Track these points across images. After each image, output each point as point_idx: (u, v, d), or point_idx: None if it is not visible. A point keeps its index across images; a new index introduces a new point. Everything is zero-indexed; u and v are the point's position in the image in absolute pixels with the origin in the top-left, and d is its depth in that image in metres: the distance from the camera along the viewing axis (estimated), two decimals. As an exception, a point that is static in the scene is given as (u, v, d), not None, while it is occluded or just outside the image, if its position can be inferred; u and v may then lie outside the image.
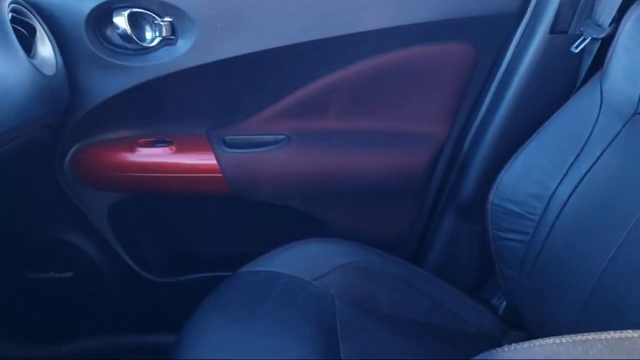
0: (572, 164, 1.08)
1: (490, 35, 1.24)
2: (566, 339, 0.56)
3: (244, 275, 1.15)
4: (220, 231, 1.47)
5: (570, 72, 1.20)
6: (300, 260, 1.18)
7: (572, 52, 1.16)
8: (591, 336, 0.56)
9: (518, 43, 1.23)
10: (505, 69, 1.25)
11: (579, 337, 0.56)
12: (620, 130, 1.03)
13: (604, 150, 1.04)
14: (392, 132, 1.31)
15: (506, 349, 0.59)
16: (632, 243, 0.91)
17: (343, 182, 1.33)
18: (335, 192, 1.35)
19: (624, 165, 1.01)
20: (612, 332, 0.57)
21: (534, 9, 1.20)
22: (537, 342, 0.60)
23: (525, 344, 0.59)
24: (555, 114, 1.14)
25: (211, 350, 0.96)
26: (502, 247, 1.16)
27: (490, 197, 1.17)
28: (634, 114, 1.02)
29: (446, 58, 1.26)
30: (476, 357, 0.60)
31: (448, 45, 1.24)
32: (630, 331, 0.56)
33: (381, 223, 1.40)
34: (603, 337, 0.55)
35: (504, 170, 1.16)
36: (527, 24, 1.22)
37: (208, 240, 1.47)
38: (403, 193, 1.37)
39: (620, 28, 1.07)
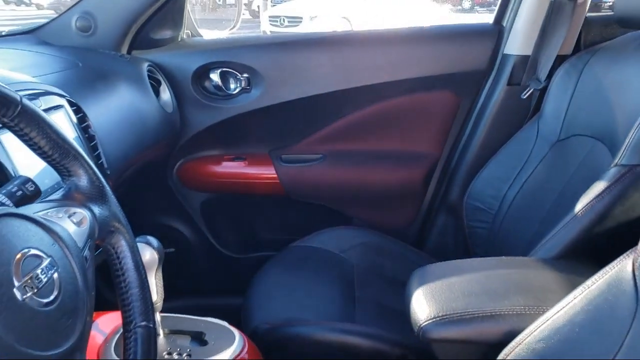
0: (517, 175, 1.46)
1: (467, 86, 1.66)
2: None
3: (293, 249, 1.57)
4: (277, 221, 1.90)
5: (521, 112, 1.58)
6: (332, 240, 1.57)
7: (522, 98, 1.56)
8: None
9: (487, 91, 1.64)
10: (479, 109, 1.65)
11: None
12: (547, 152, 1.41)
13: (537, 166, 1.43)
14: (398, 153, 1.73)
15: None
16: (547, 220, 1.27)
17: (363, 188, 1.75)
18: (357, 195, 1.76)
19: (548, 175, 1.39)
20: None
21: (497, 68, 1.62)
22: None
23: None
24: (509, 141, 1.53)
25: (266, 291, 1.37)
26: (472, 233, 1.54)
27: (465, 199, 1.57)
28: (556, 141, 1.40)
29: (437, 102, 1.68)
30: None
31: (438, 93, 1.67)
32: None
33: (391, 218, 1.80)
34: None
35: (474, 180, 1.56)
36: (493, 79, 1.63)
37: (269, 228, 1.90)
38: (406, 196, 1.77)
39: (552, 81, 1.46)
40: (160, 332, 0.97)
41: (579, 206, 1.04)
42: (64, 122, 1.04)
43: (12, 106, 0.59)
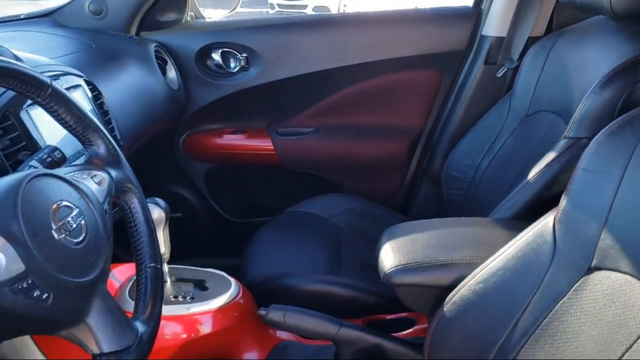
0: (490, 146, 1.59)
1: (448, 65, 1.78)
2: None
3: (287, 213, 1.71)
4: (273, 189, 2.04)
5: (496, 89, 1.69)
6: (323, 205, 1.71)
7: (497, 76, 1.67)
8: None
9: (466, 70, 1.75)
10: (459, 86, 1.77)
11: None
12: (517, 126, 1.54)
13: (507, 138, 1.55)
14: (385, 126, 1.86)
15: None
16: (513, 187, 1.40)
17: (352, 159, 1.88)
18: (346, 165, 1.90)
19: (516, 147, 1.51)
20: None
21: (476, 48, 1.73)
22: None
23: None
24: (485, 115, 1.65)
25: (262, 249, 1.52)
26: (450, 200, 1.67)
27: (444, 168, 1.70)
28: (525, 116, 1.52)
29: (421, 80, 1.80)
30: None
31: (422, 72, 1.79)
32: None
33: (378, 186, 1.93)
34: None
35: (453, 151, 1.69)
36: (472, 58, 1.74)
37: (266, 195, 2.05)
38: (392, 167, 1.90)
39: (523, 61, 1.57)
40: (168, 279, 1.12)
41: (532, 173, 1.18)
42: (82, 99, 1.18)
43: (44, 88, 0.73)
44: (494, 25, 1.68)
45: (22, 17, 1.75)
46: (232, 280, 1.16)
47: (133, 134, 1.41)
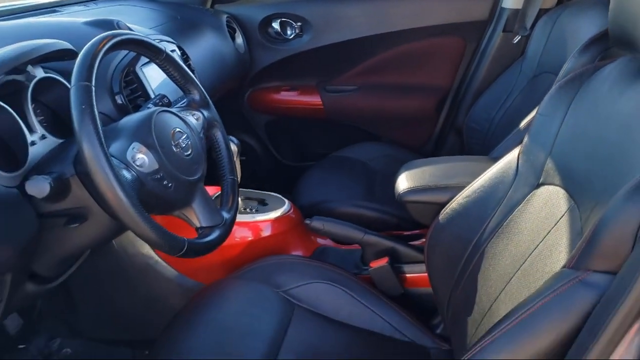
0: (503, 102, 1.84)
1: (472, 33, 2.02)
2: None
3: (331, 157, 2.02)
4: (321, 138, 2.36)
5: (511, 54, 1.93)
6: (361, 152, 2.01)
7: (513, 43, 1.91)
8: None
9: (487, 37, 1.99)
10: (481, 51, 2.02)
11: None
12: (525, 85, 1.78)
13: (516, 96, 1.79)
14: (417, 85, 2.13)
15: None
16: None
17: (388, 112, 2.17)
18: (383, 118, 2.19)
19: (523, 103, 1.74)
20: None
21: (496, 19, 1.97)
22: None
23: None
24: (500, 76, 1.90)
25: (309, 183, 1.83)
26: (470, 148, 1.94)
27: (466, 121, 1.97)
28: (532, 77, 1.76)
29: (447, 45, 2.06)
30: None
31: (448, 39, 2.04)
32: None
33: (410, 137, 2.21)
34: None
35: (473, 107, 1.95)
36: (492, 27, 1.98)
37: (314, 142, 2.37)
38: (423, 120, 2.18)
39: (534, 30, 1.81)
40: (238, 198, 1.47)
41: (523, 122, 1.44)
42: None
43: (161, 53, 1.06)
44: (512, -2, 1.91)
45: (119, -9, 2.10)
46: (286, 199, 1.50)
47: (210, 90, 1.74)
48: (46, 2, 1.76)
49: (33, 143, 0.99)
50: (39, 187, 0.86)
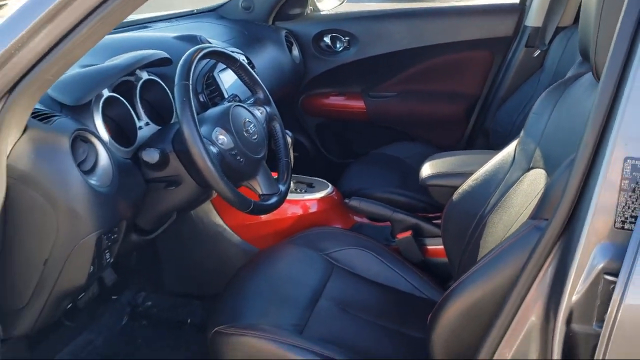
0: (522, 108, 2.07)
1: (499, 48, 2.26)
2: None
3: (371, 154, 2.29)
4: (363, 138, 2.63)
5: (532, 66, 2.15)
6: (399, 149, 2.26)
7: (534, 57, 2.14)
8: None
9: (512, 51, 2.23)
10: (507, 63, 2.25)
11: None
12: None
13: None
14: (450, 92, 2.38)
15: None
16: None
17: (424, 116, 2.42)
18: (419, 120, 2.44)
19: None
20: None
21: (520, 35, 2.20)
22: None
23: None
24: (521, 86, 2.13)
25: (351, 174, 2.10)
26: (494, 148, 2.17)
27: (492, 125, 2.21)
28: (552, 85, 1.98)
29: (477, 58, 2.30)
30: None
31: (478, 52, 2.29)
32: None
33: (443, 137, 2.44)
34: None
35: (498, 112, 2.19)
36: (517, 42, 2.21)
37: (358, 142, 2.64)
38: (455, 123, 2.42)
39: (551, 46, 2.04)
40: (291, 176, 1.76)
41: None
42: (243, 69, 1.83)
43: (236, 62, 1.37)
44: (533, 17, 2.14)
45: (194, 11, 2.44)
46: (329, 184, 1.78)
47: (269, 92, 2.05)
48: (139, 19, 2.12)
49: (140, 127, 1.31)
50: (151, 155, 1.17)
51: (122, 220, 1.18)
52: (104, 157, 1.12)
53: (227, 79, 1.65)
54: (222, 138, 1.22)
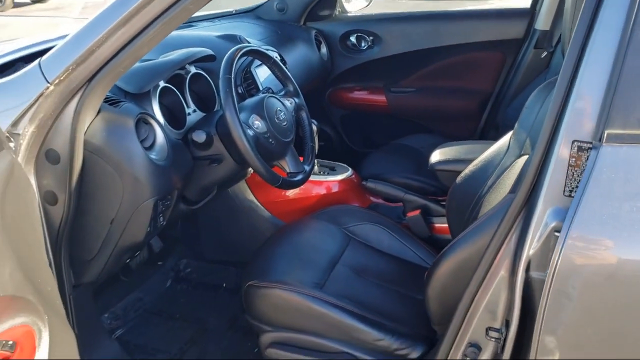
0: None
1: (511, 49, 2.42)
2: None
3: (391, 144, 2.47)
4: (384, 129, 2.80)
5: (540, 66, 2.31)
6: (416, 141, 2.43)
7: (541, 57, 2.29)
8: None
9: (522, 52, 2.38)
10: (518, 63, 2.41)
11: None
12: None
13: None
14: (464, 89, 2.55)
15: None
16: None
17: (440, 110, 2.60)
18: (436, 114, 2.62)
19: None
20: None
21: (530, 37, 2.35)
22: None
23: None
24: (529, 84, 2.29)
25: (371, 162, 2.29)
26: (502, 141, 2.34)
27: (502, 120, 2.37)
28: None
29: (490, 58, 2.46)
30: None
31: (490, 53, 2.45)
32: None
33: (458, 130, 2.60)
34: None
35: (508, 108, 2.35)
36: (526, 44, 2.37)
37: (379, 133, 2.82)
38: (469, 117, 2.58)
39: (557, 47, 2.19)
40: (315, 159, 1.96)
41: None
42: (276, 65, 2.04)
43: (270, 59, 1.58)
44: (542, 21, 2.29)
45: (233, 12, 2.66)
46: (349, 168, 1.98)
47: (299, 86, 2.25)
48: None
49: (189, 114, 1.53)
50: (199, 136, 1.39)
51: (174, 189, 1.39)
52: (160, 137, 1.34)
53: (262, 73, 1.86)
54: (257, 123, 1.43)
